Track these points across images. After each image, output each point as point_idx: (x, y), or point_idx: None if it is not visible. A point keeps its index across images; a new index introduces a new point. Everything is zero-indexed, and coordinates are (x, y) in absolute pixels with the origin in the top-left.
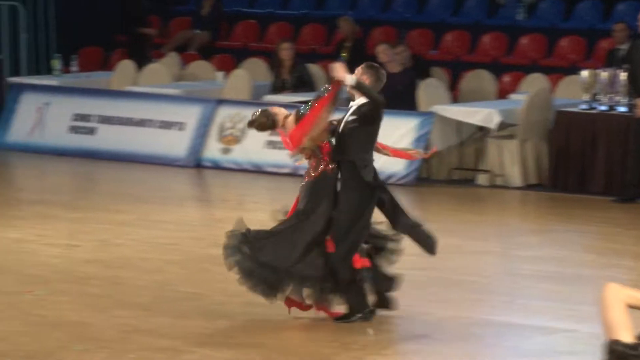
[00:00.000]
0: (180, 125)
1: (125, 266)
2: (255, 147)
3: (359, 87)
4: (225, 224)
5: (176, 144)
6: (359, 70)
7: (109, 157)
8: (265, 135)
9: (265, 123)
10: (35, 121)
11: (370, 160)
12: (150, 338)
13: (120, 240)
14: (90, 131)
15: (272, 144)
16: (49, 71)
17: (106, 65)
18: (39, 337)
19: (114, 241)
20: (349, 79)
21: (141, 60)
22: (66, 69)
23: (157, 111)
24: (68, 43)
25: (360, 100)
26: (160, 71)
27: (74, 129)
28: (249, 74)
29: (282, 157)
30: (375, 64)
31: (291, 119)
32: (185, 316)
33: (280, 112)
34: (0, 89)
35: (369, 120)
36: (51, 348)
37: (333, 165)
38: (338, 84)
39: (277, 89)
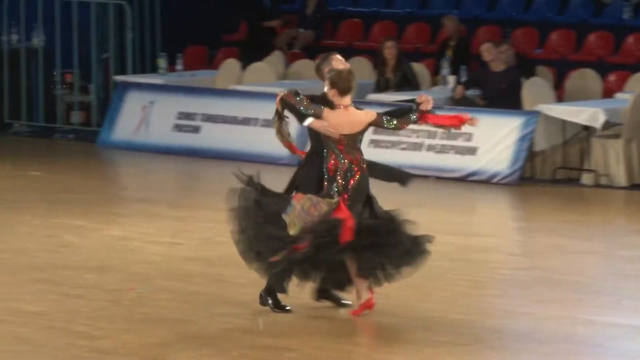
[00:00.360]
0: None
1: (228, 264)
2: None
3: None
4: None
5: (280, 142)
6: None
7: (213, 156)
8: (368, 134)
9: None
10: (140, 119)
11: None
12: (253, 336)
13: (223, 239)
14: (195, 129)
15: (374, 143)
16: (154, 70)
17: (211, 64)
18: (141, 334)
19: (217, 239)
20: None
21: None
22: (171, 68)
23: (261, 110)
24: (173, 42)
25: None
26: (265, 70)
27: (179, 128)
28: None
29: (386, 157)
30: None
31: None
32: (288, 314)
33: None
34: (106, 87)
35: None
36: (153, 345)
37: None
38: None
39: (381, 87)
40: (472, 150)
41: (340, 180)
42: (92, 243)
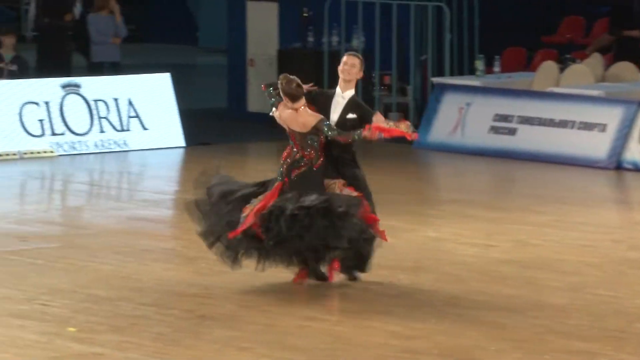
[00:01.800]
0: (601, 127)
1: (542, 267)
2: None
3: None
4: None
5: (597, 145)
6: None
7: (529, 158)
8: None
9: (296, 93)
10: (457, 121)
11: None
12: (566, 340)
13: (538, 241)
14: (511, 132)
15: None
16: (471, 71)
17: (529, 66)
18: (454, 335)
19: (531, 242)
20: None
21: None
22: (489, 70)
23: (578, 112)
24: (491, 44)
25: (348, 93)
26: (583, 72)
27: (495, 130)
28: None
29: None
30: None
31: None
32: (603, 319)
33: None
34: (424, 89)
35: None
36: (466, 347)
37: (323, 158)
38: None
39: None
40: None
41: (284, 167)
42: (407, 244)
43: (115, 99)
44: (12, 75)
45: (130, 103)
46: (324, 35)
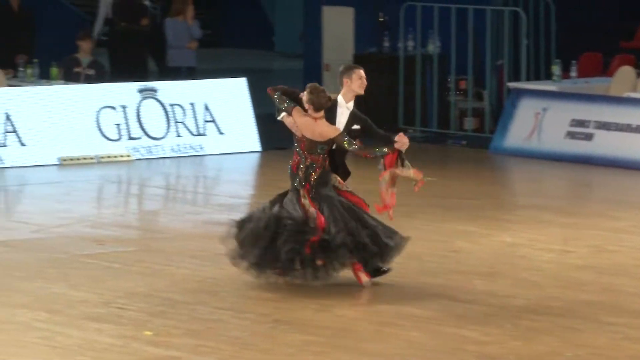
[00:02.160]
0: None
1: (619, 273)
2: None
3: None
4: None
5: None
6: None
7: (606, 163)
8: None
9: (325, 105)
10: (533, 126)
11: None
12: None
13: (615, 247)
14: (588, 137)
15: None
16: (548, 76)
17: (606, 71)
18: (530, 341)
19: (608, 247)
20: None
21: None
22: (565, 75)
23: None
24: (568, 48)
25: (351, 104)
26: None
27: (571, 135)
28: None
29: None
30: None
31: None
32: None
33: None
34: (500, 94)
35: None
36: (542, 353)
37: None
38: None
39: None
40: None
41: (301, 175)
42: (482, 249)
43: (192, 104)
44: (89, 80)
45: (206, 108)
46: (400, 40)
